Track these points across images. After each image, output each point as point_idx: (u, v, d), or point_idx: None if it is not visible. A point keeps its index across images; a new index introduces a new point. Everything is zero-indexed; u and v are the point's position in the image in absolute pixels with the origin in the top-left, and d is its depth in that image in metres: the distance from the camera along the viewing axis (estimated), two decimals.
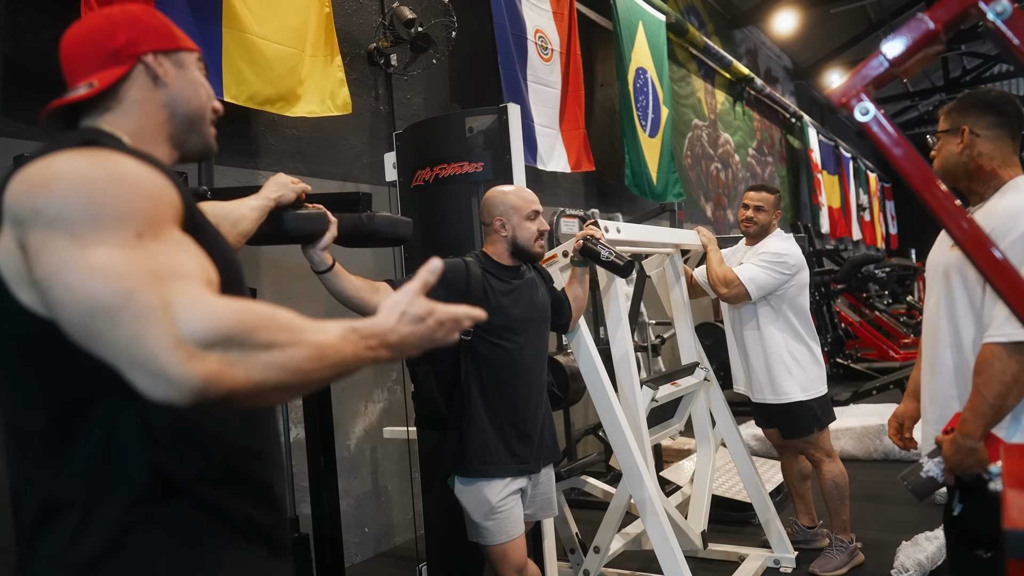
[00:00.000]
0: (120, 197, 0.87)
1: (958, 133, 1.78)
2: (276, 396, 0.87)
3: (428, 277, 0.98)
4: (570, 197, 5.81)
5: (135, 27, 1.09)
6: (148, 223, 0.87)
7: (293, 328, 0.87)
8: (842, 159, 13.77)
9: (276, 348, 0.84)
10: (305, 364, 0.85)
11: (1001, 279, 1.14)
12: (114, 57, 1.06)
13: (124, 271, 0.81)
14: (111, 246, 0.83)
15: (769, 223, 3.28)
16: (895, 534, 3.37)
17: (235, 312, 0.83)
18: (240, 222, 1.51)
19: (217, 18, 2.90)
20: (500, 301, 2.23)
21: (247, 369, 0.82)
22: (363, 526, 3.76)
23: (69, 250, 0.82)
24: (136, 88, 1.08)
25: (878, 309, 9.80)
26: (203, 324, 0.81)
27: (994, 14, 1.07)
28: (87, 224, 0.84)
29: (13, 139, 2.55)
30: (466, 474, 2.20)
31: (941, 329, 1.81)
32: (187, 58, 1.14)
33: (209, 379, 0.79)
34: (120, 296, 0.80)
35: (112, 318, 0.79)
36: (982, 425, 1.61)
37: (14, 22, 2.58)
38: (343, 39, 3.70)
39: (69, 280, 0.81)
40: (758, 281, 3.09)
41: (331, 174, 3.80)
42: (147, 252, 0.85)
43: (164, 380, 0.78)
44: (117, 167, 0.89)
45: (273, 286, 3.40)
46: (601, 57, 6.39)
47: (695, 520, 3.22)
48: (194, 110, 1.13)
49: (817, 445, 3.21)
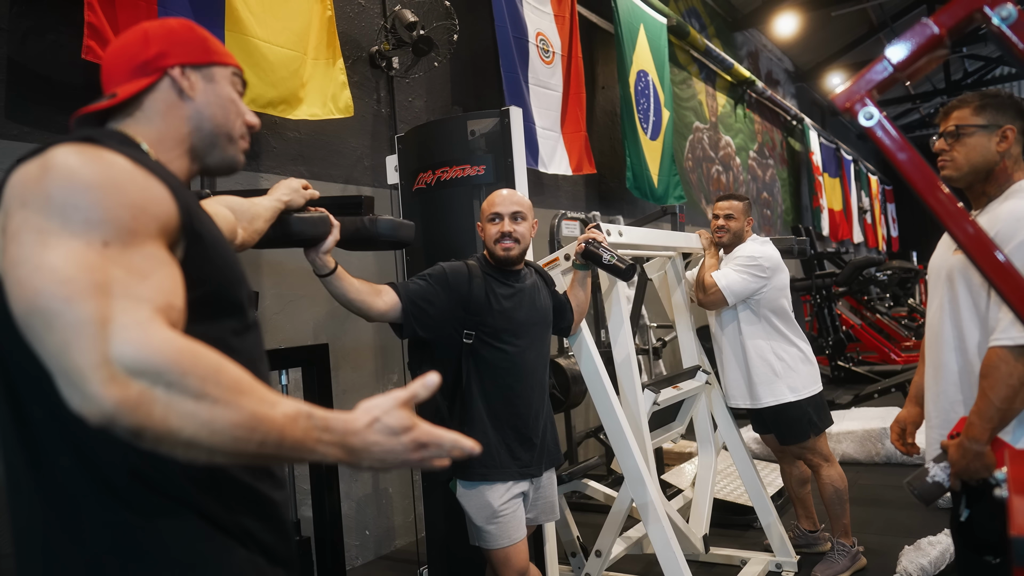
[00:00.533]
0: (98, 201, 0.86)
1: (998, 132, 1.75)
2: (192, 452, 0.81)
3: (420, 391, 0.91)
4: (571, 200, 5.81)
5: (167, 40, 1.10)
6: (120, 233, 0.86)
7: (233, 387, 0.82)
8: (843, 162, 13.77)
9: (205, 401, 0.80)
10: (231, 430, 0.80)
11: (1005, 283, 1.14)
12: (142, 69, 1.08)
13: (71, 276, 0.80)
14: (70, 249, 0.82)
15: (741, 230, 3.29)
16: (897, 538, 3.37)
17: (175, 350, 0.80)
18: (256, 220, 1.53)
19: (220, 21, 2.90)
20: (502, 304, 2.24)
21: (165, 411, 0.78)
22: (364, 529, 3.76)
23: (32, 245, 0.82)
24: (160, 100, 1.09)
25: (879, 312, 9.79)
26: (135, 350, 0.79)
27: (999, 19, 1.07)
28: (56, 222, 0.83)
29: (16, 142, 2.55)
30: (468, 478, 2.19)
31: (945, 333, 1.80)
32: (219, 72, 1.14)
33: (122, 406, 0.77)
34: (58, 301, 0.79)
35: (47, 321, 0.79)
36: (989, 429, 1.60)
37: (17, 25, 2.58)
38: (345, 42, 3.71)
39: (21, 275, 0.81)
40: (733, 287, 3.09)
41: (333, 177, 3.81)
42: (106, 262, 0.83)
43: (80, 393, 0.77)
44: (108, 170, 0.89)
45: (275, 289, 3.40)
46: (602, 60, 6.40)
47: (696, 524, 3.22)
48: (219, 125, 1.13)
49: (815, 450, 3.20)
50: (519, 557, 2.19)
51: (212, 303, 1.00)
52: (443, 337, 2.21)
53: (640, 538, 3.21)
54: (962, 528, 1.71)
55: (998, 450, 1.60)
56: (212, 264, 1.01)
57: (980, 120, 1.76)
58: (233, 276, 1.06)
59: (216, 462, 0.83)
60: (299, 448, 0.84)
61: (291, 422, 0.84)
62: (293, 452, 0.84)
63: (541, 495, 2.33)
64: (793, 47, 12.00)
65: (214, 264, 1.02)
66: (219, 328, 1.01)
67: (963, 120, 1.79)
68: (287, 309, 3.44)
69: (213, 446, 0.80)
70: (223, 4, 2.91)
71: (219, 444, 0.80)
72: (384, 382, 3.97)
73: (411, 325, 2.15)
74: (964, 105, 1.80)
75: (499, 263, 2.28)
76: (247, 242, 1.50)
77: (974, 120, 1.77)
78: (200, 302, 0.96)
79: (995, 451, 1.61)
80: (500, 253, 2.26)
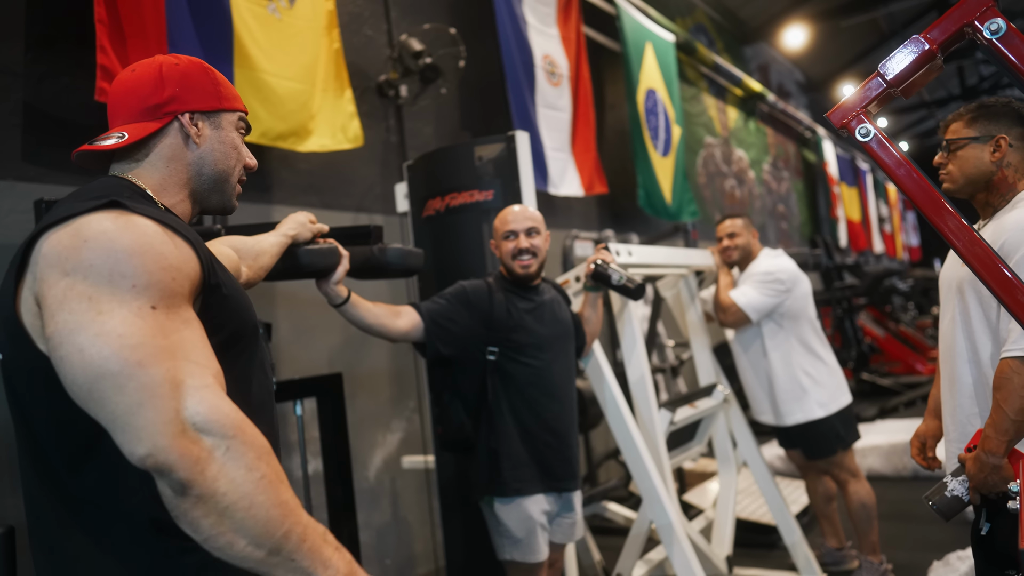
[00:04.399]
0: (141, 268, 0.89)
1: (991, 142, 1.75)
2: (220, 526, 0.85)
3: None
4: (584, 220, 5.81)
5: (181, 84, 1.11)
6: (164, 297, 0.90)
7: (279, 474, 0.90)
8: (859, 172, 13.68)
9: (254, 474, 0.86)
10: (267, 508, 0.86)
11: (1009, 296, 1.12)
12: (153, 111, 1.10)
13: (138, 342, 0.85)
14: (126, 314, 0.86)
15: (748, 244, 3.27)
16: (926, 554, 3.29)
17: (241, 420, 0.88)
18: (261, 256, 1.55)
19: (228, 57, 2.96)
20: (524, 319, 2.25)
21: (217, 472, 0.84)
22: (384, 558, 3.74)
23: (84, 312, 0.85)
24: (167, 145, 1.11)
25: (903, 322, 9.65)
26: (207, 411, 0.85)
27: (989, 32, 1.07)
28: (106, 290, 0.87)
29: (34, 183, 2.61)
30: (504, 494, 2.19)
31: (958, 345, 1.78)
32: (227, 119, 1.16)
33: (184, 458, 0.82)
34: (130, 365, 0.84)
35: (118, 384, 0.83)
36: (1005, 441, 1.58)
37: (32, 70, 2.65)
38: (353, 73, 3.76)
39: (81, 341, 0.84)
40: (754, 303, 3.07)
41: (344, 206, 3.84)
42: (159, 326, 0.88)
43: (148, 444, 0.82)
44: (143, 235, 0.92)
45: (289, 319, 3.43)
46: (610, 79, 6.43)
47: (719, 544, 3.17)
48: (220, 172, 1.15)
49: (842, 466, 3.15)
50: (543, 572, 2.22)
51: (231, 346, 1.05)
52: (466, 355, 2.22)
53: (662, 560, 3.17)
54: (983, 542, 1.67)
55: (1016, 462, 1.57)
56: (229, 310, 1.05)
57: (972, 132, 1.78)
58: (247, 317, 1.10)
59: (228, 553, 0.86)
60: (313, 553, 0.89)
61: (314, 526, 0.91)
62: (305, 557, 0.88)
63: (566, 513, 2.32)
64: (804, 58, 11.99)
65: (230, 310, 1.05)
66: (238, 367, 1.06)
67: (956, 133, 1.81)
68: (302, 339, 3.47)
69: (243, 523, 0.85)
70: (231, 41, 2.97)
71: (250, 522, 0.85)
72: (401, 409, 3.98)
73: (434, 344, 2.16)
74: (959, 118, 1.82)
75: (518, 280, 2.30)
76: (252, 279, 1.52)
77: (966, 132, 1.79)
78: (221, 346, 1.01)
79: (1013, 463, 1.58)
80: (519, 271, 2.28)
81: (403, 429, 3.96)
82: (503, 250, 2.30)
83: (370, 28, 4.13)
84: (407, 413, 4.00)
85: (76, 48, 2.74)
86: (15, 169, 2.58)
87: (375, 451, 3.80)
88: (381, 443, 3.84)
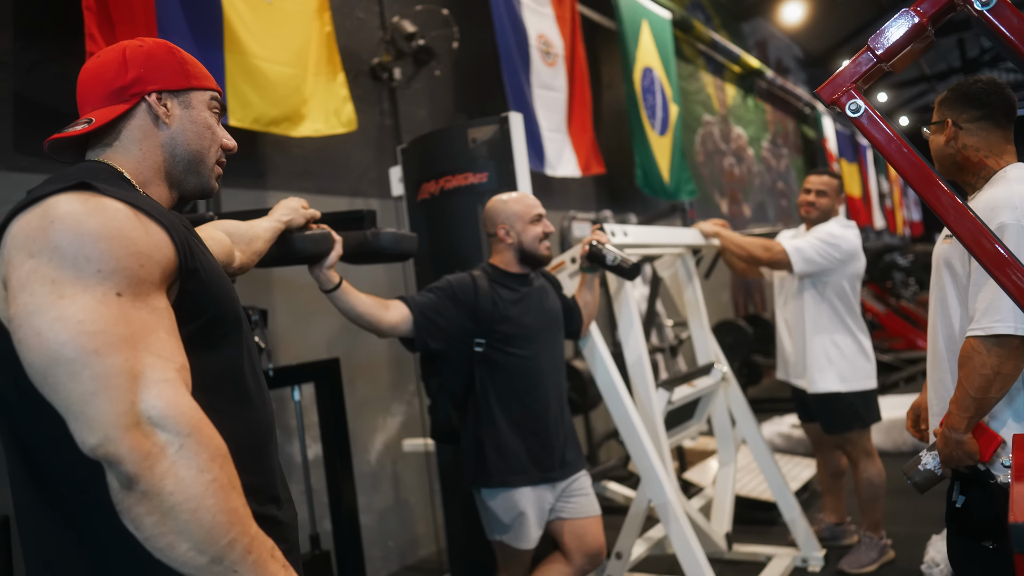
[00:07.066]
0: (108, 252, 0.87)
1: (943, 126, 1.79)
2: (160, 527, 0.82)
3: None
4: (581, 201, 5.79)
5: (145, 65, 1.09)
6: (131, 284, 0.88)
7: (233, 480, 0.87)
8: (859, 148, 13.60)
9: (205, 476, 0.83)
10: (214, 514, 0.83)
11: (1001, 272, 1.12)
12: (119, 94, 1.08)
13: (98, 329, 0.83)
14: (88, 300, 0.84)
15: (830, 208, 3.19)
16: (926, 528, 3.31)
17: (199, 419, 0.85)
18: (254, 241, 1.55)
19: (219, 44, 2.93)
20: (510, 311, 2.24)
21: (166, 470, 0.81)
22: (387, 540, 3.77)
23: (46, 295, 0.83)
24: (137, 127, 1.09)
25: (904, 298, 9.64)
26: (164, 406, 0.83)
27: (980, 3, 1.05)
28: (70, 274, 0.84)
29: (26, 174, 2.60)
30: (490, 485, 2.20)
31: (939, 322, 1.82)
32: (197, 98, 1.14)
33: (133, 452, 0.80)
34: (86, 353, 0.81)
35: (72, 371, 0.81)
36: (966, 418, 1.63)
37: (22, 59, 2.63)
38: (345, 56, 3.73)
39: (39, 324, 0.82)
40: (803, 252, 3.02)
41: (339, 191, 3.83)
42: (123, 314, 0.86)
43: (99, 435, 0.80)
44: (113, 219, 0.89)
45: (286, 305, 3.43)
46: (607, 58, 6.38)
47: (719, 522, 3.19)
48: (194, 152, 1.13)
49: (857, 444, 3.15)
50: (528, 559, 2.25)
51: (209, 333, 1.03)
52: (453, 348, 2.23)
53: (662, 538, 3.19)
54: (958, 514, 1.70)
55: (982, 437, 1.63)
56: (209, 295, 1.03)
57: (935, 118, 1.83)
58: (228, 303, 1.08)
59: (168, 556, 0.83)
60: (258, 567, 0.86)
61: (263, 539, 0.88)
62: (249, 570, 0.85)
63: (575, 491, 2.31)
64: (802, 34, 11.88)
65: (210, 295, 1.03)
66: (216, 357, 1.03)
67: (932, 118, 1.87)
68: (299, 325, 3.47)
69: (187, 525, 0.82)
70: (221, 26, 2.94)
71: (194, 525, 0.82)
72: (401, 392, 3.99)
73: (423, 338, 2.16)
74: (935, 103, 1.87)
75: (538, 262, 2.33)
76: (246, 264, 1.51)
77: (933, 119, 1.85)
78: (198, 333, 0.99)
79: (979, 438, 1.64)
80: (544, 252, 2.31)
81: (403, 413, 3.98)
82: (529, 234, 2.29)
83: (362, 10, 4.09)
84: (407, 397, 4.01)
85: (66, 36, 2.71)
86: (7, 159, 2.57)
87: (376, 435, 3.81)
88: (381, 427, 3.85)
